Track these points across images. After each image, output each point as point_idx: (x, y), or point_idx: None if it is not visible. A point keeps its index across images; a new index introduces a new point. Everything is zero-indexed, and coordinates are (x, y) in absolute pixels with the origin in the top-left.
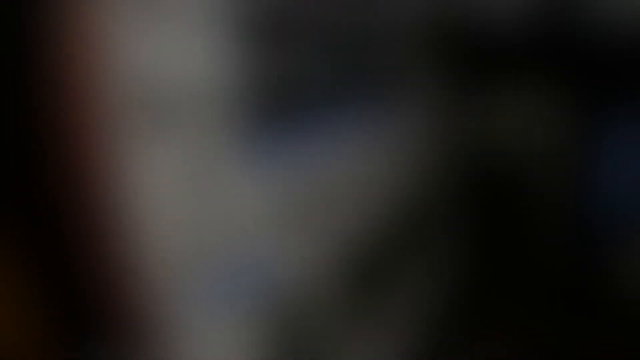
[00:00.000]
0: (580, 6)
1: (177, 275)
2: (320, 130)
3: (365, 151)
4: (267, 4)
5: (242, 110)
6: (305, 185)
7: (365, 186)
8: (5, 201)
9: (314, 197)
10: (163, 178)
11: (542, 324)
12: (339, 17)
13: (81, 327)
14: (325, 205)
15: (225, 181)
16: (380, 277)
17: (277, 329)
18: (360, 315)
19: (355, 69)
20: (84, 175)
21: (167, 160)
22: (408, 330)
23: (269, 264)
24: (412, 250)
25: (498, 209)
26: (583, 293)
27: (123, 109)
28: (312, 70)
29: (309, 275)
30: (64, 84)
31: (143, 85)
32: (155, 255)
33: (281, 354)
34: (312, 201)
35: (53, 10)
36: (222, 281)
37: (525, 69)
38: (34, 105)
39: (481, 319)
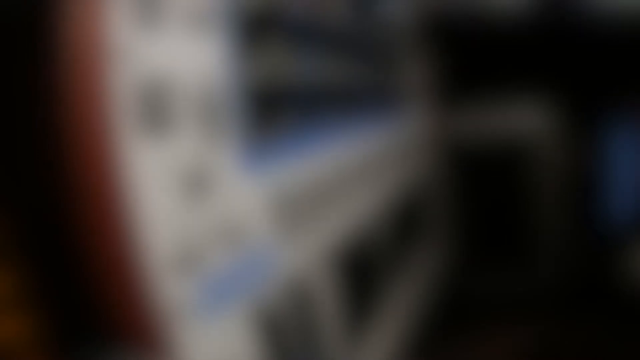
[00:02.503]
0: (580, 6)
1: (176, 274)
2: (320, 130)
3: (364, 151)
4: (268, 6)
5: (241, 111)
6: (306, 186)
7: (365, 186)
8: (3, 200)
9: (314, 197)
10: (162, 177)
11: (541, 322)
12: (341, 19)
13: (80, 327)
14: (324, 206)
15: (223, 181)
16: (379, 277)
17: (275, 328)
18: (359, 313)
19: (355, 69)
20: (83, 174)
21: (166, 160)
22: (408, 328)
23: (267, 264)
24: (412, 250)
25: (497, 208)
26: (585, 291)
27: (122, 109)
28: (311, 71)
29: (308, 275)
30: (61, 83)
31: (142, 85)
32: (154, 254)
33: (280, 353)
34: (312, 201)
35: (52, 9)
36: (221, 281)
37: (527, 68)
38: (33, 105)
39: (480, 318)
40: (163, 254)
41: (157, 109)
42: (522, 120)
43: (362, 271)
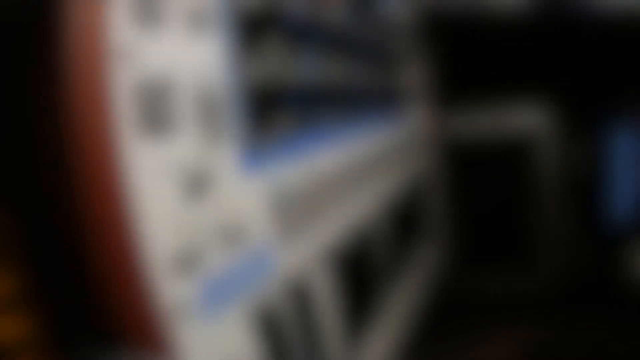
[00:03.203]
0: (581, 5)
1: (176, 274)
2: (320, 130)
3: (364, 151)
4: (267, 6)
5: (241, 111)
6: (305, 185)
7: (364, 186)
8: (3, 200)
9: (314, 196)
10: (162, 177)
11: (542, 322)
12: (341, 19)
13: (80, 327)
14: (324, 205)
15: (223, 181)
16: (379, 277)
17: (275, 328)
18: (359, 313)
19: (355, 69)
20: (83, 174)
21: (166, 160)
22: (408, 328)
23: (267, 264)
24: (412, 250)
25: (497, 208)
26: (586, 291)
27: (122, 109)
28: (311, 71)
29: (308, 274)
30: (61, 83)
31: (142, 85)
32: (154, 254)
33: (279, 352)
34: (311, 201)
35: (52, 9)
36: (220, 281)
37: (527, 67)
38: (33, 104)
39: (480, 318)
40: (163, 254)
41: (157, 109)
42: (522, 120)
43: (362, 271)
